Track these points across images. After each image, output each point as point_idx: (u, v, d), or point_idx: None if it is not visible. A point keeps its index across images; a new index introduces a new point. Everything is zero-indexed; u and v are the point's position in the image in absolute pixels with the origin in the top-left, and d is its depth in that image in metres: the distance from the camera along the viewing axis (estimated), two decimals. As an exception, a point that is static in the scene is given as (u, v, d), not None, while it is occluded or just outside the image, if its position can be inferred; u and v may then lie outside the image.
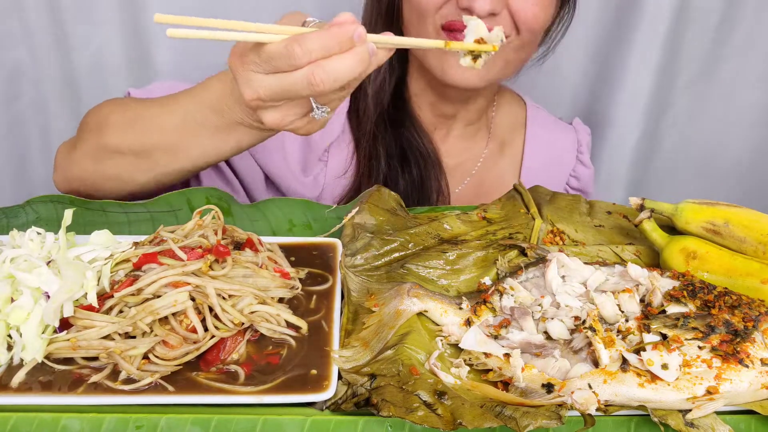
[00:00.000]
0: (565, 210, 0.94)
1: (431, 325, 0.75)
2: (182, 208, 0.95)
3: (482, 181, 1.28)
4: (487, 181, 1.29)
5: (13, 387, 0.66)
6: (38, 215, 0.93)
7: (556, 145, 1.32)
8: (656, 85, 1.54)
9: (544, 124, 1.33)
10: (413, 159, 1.16)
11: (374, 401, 0.64)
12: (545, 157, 1.31)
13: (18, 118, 1.58)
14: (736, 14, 1.50)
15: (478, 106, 1.23)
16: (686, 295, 0.73)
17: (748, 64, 1.56)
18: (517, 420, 0.62)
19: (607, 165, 1.64)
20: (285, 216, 0.94)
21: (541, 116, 1.34)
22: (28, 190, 1.62)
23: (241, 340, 0.71)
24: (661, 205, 0.86)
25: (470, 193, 1.27)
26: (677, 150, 1.69)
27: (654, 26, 1.46)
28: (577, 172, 1.33)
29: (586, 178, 1.33)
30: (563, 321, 0.72)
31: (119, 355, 0.66)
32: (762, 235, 0.79)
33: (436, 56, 1.06)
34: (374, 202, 0.91)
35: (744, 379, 0.66)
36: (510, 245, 0.85)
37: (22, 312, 0.69)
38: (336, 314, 0.76)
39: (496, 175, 1.29)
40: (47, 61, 1.52)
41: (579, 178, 1.33)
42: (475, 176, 1.28)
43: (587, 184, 1.34)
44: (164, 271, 0.71)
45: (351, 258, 0.83)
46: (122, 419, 0.64)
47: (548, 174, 1.30)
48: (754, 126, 1.63)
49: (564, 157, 1.33)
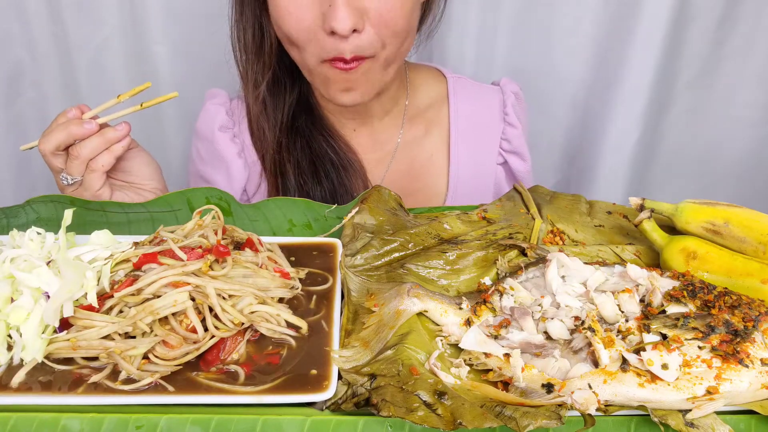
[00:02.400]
0: (565, 210, 0.94)
1: (431, 325, 0.75)
2: (182, 208, 0.95)
3: (411, 165, 1.25)
4: (416, 163, 1.25)
5: (13, 387, 0.66)
6: (38, 215, 0.93)
7: (483, 111, 1.27)
8: (656, 85, 1.54)
9: (468, 93, 1.27)
10: (323, 168, 1.16)
11: (374, 401, 0.64)
12: (472, 127, 1.26)
13: (18, 118, 1.58)
14: (736, 14, 1.50)
15: (391, 95, 1.20)
16: (686, 295, 0.73)
17: (748, 64, 1.56)
18: (517, 420, 0.62)
19: (607, 165, 1.64)
20: (285, 216, 0.94)
21: (463, 85, 1.28)
22: (28, 190, 1.62)
23: (241, 340, 0.71)
24: (661, 205, 0.86)
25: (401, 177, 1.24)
26: (677, 150, 1.69)
27: (654, 26, 1.46)
28: (506, 134, 1.27)
29: (514, 138, 1.27)
30: (563, 321, 0.72)
31: (119, 355, 0.66)
32: (762, 235, 0.79)
33: (319, 79, 1.05)
34: (374, 202, 0.91)
35: (744, 379, 0.66)
36: (510, 245, 0.85)
37: (22, 312, 0.69)
38: (336, 314, 0.76)
39: (425, 157, 1.26)
40: (47, 61, 1.52)
41: (509, 140, 1.27)
42: (398, 161, 1.24)
43: (519, 145, 1.27)
44: (164, 271, 0.71)
45: (351, 258, 0.83)
46: (122, 419, 0.64)
47: (477, 144, 1.26)
48: (754, 126, 1.63)
49: (491, 121, 1.27)
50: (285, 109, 1.16)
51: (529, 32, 1.54)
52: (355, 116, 1.21)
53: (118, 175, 1.04)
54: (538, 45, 1.55)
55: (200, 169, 1.25)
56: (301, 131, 1.17)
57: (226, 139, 1.20)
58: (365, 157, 1.21)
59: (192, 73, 1.53)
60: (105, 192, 0.99)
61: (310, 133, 1.17)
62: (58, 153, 0.97)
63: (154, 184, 1.06)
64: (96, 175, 0.97)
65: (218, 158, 1.21)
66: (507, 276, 0.80)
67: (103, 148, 0.96)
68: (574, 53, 1.55)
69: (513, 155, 1.28)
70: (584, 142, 1.66)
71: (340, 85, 1.03)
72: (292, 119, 1.17)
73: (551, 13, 1.52)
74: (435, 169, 1.26)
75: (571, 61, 1.57)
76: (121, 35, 1.50)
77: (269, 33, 1.08)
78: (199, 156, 1.26)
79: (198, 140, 1.26)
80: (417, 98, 1.26)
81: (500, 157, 1.28)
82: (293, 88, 1.16)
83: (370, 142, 1.23)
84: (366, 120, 1.22)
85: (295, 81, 1.16)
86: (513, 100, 1.28)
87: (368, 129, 1.23)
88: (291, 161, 1.16)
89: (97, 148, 0.95)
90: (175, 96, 0.97)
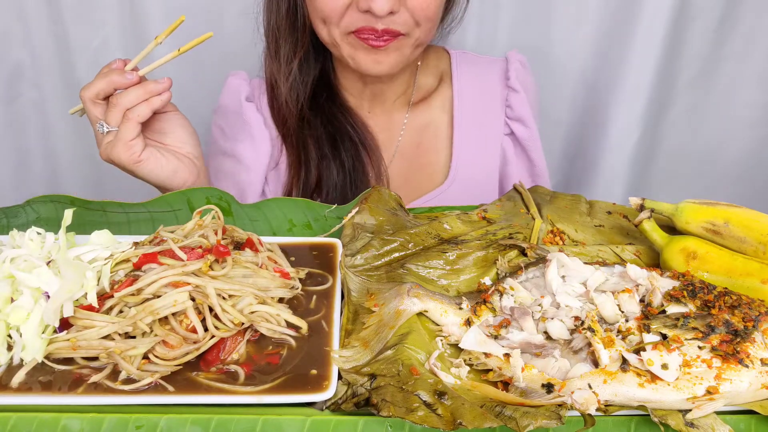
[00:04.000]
0: (565, 210, 0.94)
1: (431, 325, 0.75)
2: (182, 208, 0.95)
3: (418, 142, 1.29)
4: (423, 140, 1.30)
5: (13, 387, 0.66)
6: (38, 215, 0.93)
7: (486, 82, 1.30)
8: (656, 84, 1.54)
9: (471, 66, 1.32)
10: (343, 143, 1.21)
11: (374, 401, 0.64)
12: (476, 99, 1.29)
13: (18, 118, 1.58)
14: (736, 14, 1.50)
15: (405, 78, 1.27)
16: (686, 295, 0.73)
17: (748, 64, 1.56)
18: (517, 420, 0.62)
19: (607, 165, 1.64)
20: (285, 216, 0.94)
21: (466, 59, 1.33)
22: (28, 190, 1.62)
23: (241, 340, 0.71)
24: (661, 205, 0.86)
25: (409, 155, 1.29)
26: (677, 150, 1.69)
27: (654, 26, 1.46)
28: (509, 100, 1.29)
29: (518, 105, 1.28)
30: (563, 321, 0.72)
31: (119, 355, 0.66)
32: (762, 235, 0.79)
33: (347, 49, 1.11)
34: (374, 202, 0.91)
35: (744, 379, 0.66)
36: (510, 245, 0.85)
37: (22, 312, 0.69)
38: (336, 314, 0.76)
39: (431, 133, 1.30)
40: (47, 61, 1.52)
41: (512, 106, 1.29)
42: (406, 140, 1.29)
43: (523, 109, 1.28)
44: (164, 271, 0.71)
45: (351, 258, 0.83)
46: (122, 419, 0.64)
47: (482, 113, 1.29)
48: (754, 126, 1.63)
49: (494, 90, 1.30)
50: (309, 85, 1.22)
51: (528, 33, 1.54)
52: (371, 97, 1.27)
53: (154, 136, 1.04)
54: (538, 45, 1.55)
55: (223, 146, 1.28)
56: (322, 107, 1.23)
57: (253, 109, 1.25)
58: (378, 137, 1.26)
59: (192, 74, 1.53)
60: (138, 144, 0.98)
61: (330, 110, 1.23)
62: (98, 102, 0.99)
63: (188, 148, 1.06)
64: (131, 125, 0.96)
65: (244, 128, 1.25)
66: (507, 276, 0.80)
67: (143, 99, 0.97)
68: (574, 53, 1.56)
69: (517, 123, 1.29)
70: (584, 142, 1.66)
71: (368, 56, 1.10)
72: (313, 97, 1.23)
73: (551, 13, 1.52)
74: (440, 143, 1.30)
75: (571, 62, 1.57)
76: (121, 35, 1.50)
77: (303, 10, 1.14)
78: (222, 133, 1.29)
79: (220, 117, 1.30)
80: (423, 76, 1.31)
81: (506, 127, 1.30)
82: (316, 65, 1.22)
83: (382, 123, 1.29)
84: (380, 102, 1.28)
85: (318, 58, 1.23)
86: (517, 66, 1.30)
87: (381, 110, 1.29)
88: (312, 135, 1.21)
89: (137, 99, 0.96)
90: (210, 36, 0.99)
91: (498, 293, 0.77)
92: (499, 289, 0.77)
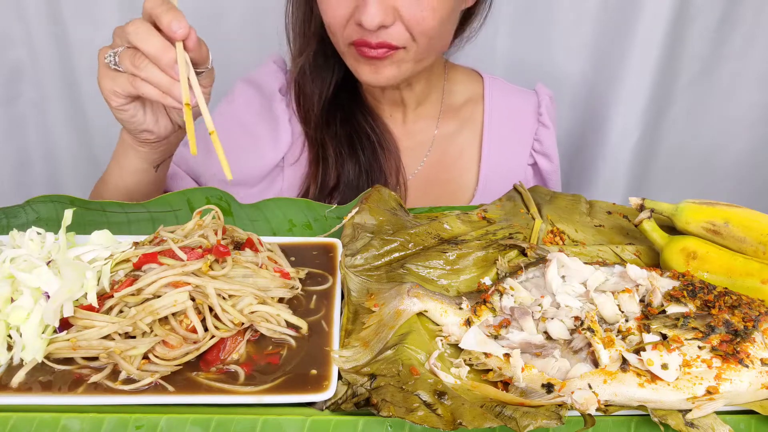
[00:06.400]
0: (565, 210, 0.94)
1: (431, 325, 0.75)
2: (182, 208, 0.95)
3: (442, 157, 1.31)
4: (447, 157, 1.31)
5: (13, 387, 0.66)
6: (38, 215, 0.93)
7: (517, 112, 1.33)
8: (656, 85, 1.54)
9: (503, 94, 1.34)
10: (360, 144, 1.22)
11: (374, 401, 0.64)
12: (506, 126, 1.32)
13: (18, 118, 1.58)
14: (736, 14, 1.50)
15: (422, 88, 1.27)
16: (686, 295, 0.73)
17: (748, 64, 1.56)
18: (517, 420, 0.62)
19: (607, 165, 1.64)
20: (285, 216, 0.94)
21: (499, 86, 1.35)
22: (28, 190, 1.62)
23: (241, 340, 0.71)
24: (661, 205, 0.86)
25: (432, 170, 1.30)
26: (677, 150, 1.69)
27: (654, 26, 1.46)
28: (539, 134, 1.33)
29: (546, 139, 1.33)
30: (563, 321, 0.72)
31: (119, 355, 0.66)
32: (762, 235, 0.79)
33: (350, 59, 1.13)
34: (374, 202, 0.91)
35: (744, 379, 0.66)
36: (510, 245, 0.85)
37: (22, 312, 0.69)
38: (336, 314, 0.76)
39: (456, 151, 1.31)
40: (47, 61, 1.52)
41: (541, 140, 1.32)
42: (433, 154, 1.30)
43: (550, 146, 1.33)
44: (164, 271, 0.71)
45: (351, 258, 0.83)
46: (122, 419, 0.64)
47: (511, 141, 1.32)
48: (754, 126, 1.63)
49: (525, 122, 1.33)
50: (331, 84, 1.24)
51: (529, 32, 1.54)
52: (390, 102, 1.28)
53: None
54: (538, 45, 1.55)
55: (243, 116, 1.27)
56: (342, 106, 1.25)
57: (283, 104, 1.27)
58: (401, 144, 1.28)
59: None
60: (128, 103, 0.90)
61: (350, 109, 1.25)
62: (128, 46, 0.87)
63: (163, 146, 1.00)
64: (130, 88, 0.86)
65: (272, 117, 1.26)
66: (507, 276, 0.80)
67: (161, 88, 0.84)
68: (574, 53, 1.56)
69: (542, 156, 1.33)
70: (584, 142, 1.67)
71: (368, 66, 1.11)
72: (336, 96, 1.25)
73: (551, 14, 1.52)
74: (465, 163, 1.31)
75: (571, 62, 1.57)
76: (121, 35, 1.50)
77: (316, 16, 1.16)
78: (250, 104, 1.29)
79: (253, 88, 1.29)
80: (454, 95, 1.33)
81: (531, 157, 1.33)
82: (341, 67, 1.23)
83: (403, 130, 1.30)
84: (399, 107, 1.29)
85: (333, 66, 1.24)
86: (548, 101, 1.34)
87: (402, 116, 1.30)
88: (330, 132, 1.23)
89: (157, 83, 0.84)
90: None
91: (498, 293, 0.77)
92: (499, 289, 0.77)
